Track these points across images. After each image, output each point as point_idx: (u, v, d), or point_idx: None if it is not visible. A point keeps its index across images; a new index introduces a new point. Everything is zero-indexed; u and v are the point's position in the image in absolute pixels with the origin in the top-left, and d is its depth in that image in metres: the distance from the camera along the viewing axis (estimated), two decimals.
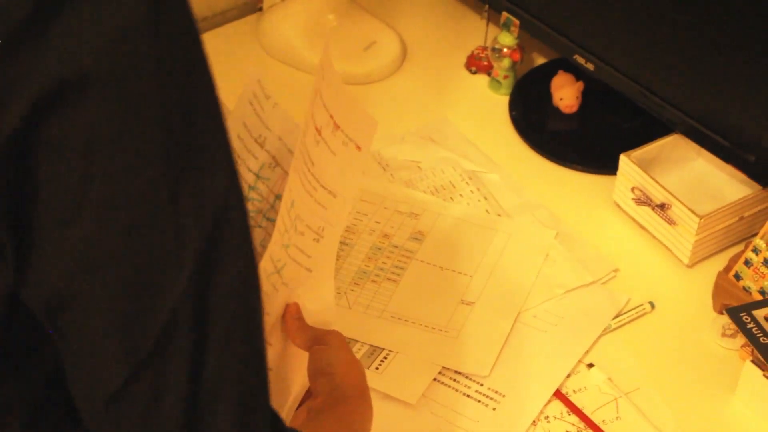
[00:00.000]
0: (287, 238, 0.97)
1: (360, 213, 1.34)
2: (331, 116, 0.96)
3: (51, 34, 0.57)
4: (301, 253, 0.99)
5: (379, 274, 1.27)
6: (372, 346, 1.19)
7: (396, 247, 1.30)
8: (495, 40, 1.52)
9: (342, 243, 1.30)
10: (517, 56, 1.51)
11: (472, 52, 1.58)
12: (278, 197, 0.98)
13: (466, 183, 1.38)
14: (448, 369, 1.17)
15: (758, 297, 1.20)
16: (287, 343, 0.99)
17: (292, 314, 0.99)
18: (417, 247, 1.30)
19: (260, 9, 1.67)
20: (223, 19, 1.68)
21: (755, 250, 1.21)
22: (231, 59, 1.60)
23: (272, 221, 0.97)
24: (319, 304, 1.00)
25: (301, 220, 0.97)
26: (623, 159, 1.32)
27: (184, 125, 0.63)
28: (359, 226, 1.33)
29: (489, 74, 1.55)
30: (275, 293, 0.98)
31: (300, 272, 0.99)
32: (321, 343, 0.95)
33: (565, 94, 1.47)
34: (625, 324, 1.23)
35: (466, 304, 1.23)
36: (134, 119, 0.60)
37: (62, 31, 0.57)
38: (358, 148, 0.96)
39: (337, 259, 1.28)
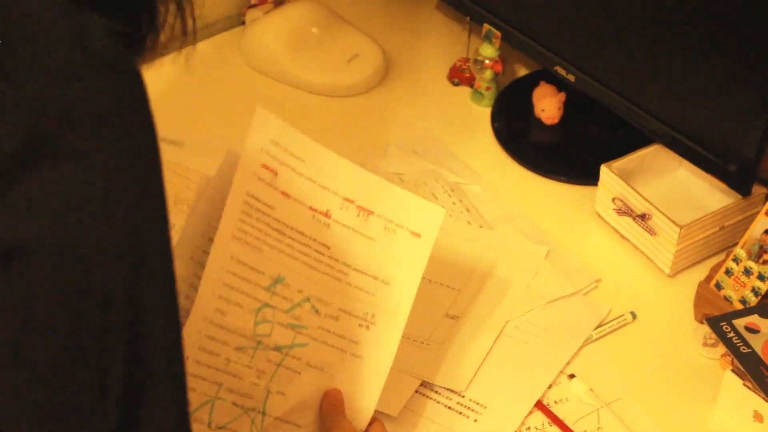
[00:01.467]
0: (289, 316, 0.98)
1: None
2: (347, 199, 0.98)
3: (8, 200, 0.59)
4: (337, 337, 0.99)
5: None
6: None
7: None
8: (477, 51, 1.52)
9: None
10: (499, 68, 1.52)
11: (455, 63, 1.59)
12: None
13: (449, 195, 1.39)
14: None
15: (739, 306, 1.21)
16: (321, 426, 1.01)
17: (330, 400, 1.00)
18: None
19: (243, 23, 1.67)
20: (206, 33, 1.68)
21: (736, 260, 1.21)
22: (215, 72, 1.60)
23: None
24: (365, 395, 1.01)
25: (324, 303, 0.98)
26: (604, 170, 1.33)
27: (126, 301, 0.64)
28: None
29: (471, 86, 1.55)
30: (295, 375, 1.00)
31: (336, 356, 0.99)
32: None
33: (547, 105, 1.48)
34: (606, 334, 1.23)
35: (451, 317, 1.23)
36: (74, 292, 0.62)
37: (16, 199, 0.59)
38: (415, 234, 0.98)
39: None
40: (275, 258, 0.98)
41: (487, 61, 1.51)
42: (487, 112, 1.53)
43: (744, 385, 1.11)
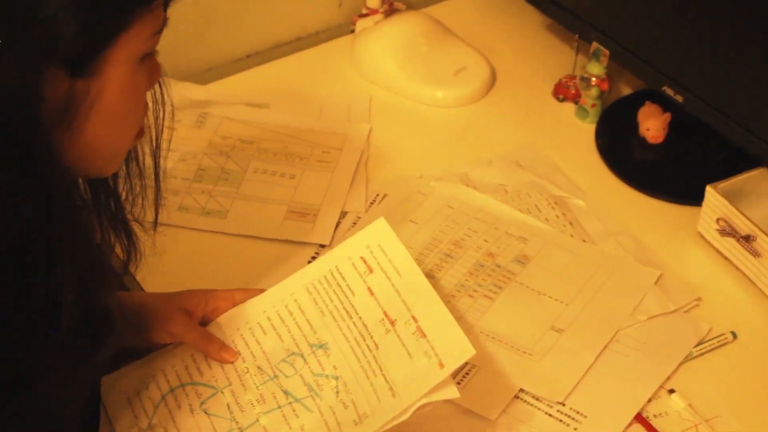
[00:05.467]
0: (313, 379, 1.08)
1: (471, 229, 1.37)
2: (415, 318, 1.06)
3: None
4: (336, 423, 1.06)
5: (477, 290, 1.29)
6: None
7: (499, 266, 1.33)
8: (584, 69, 1.54)
9: (447, 255, 1.33)
10: (606, 86, 1.54)
11: (560, 80, 1.61)
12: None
13: (552, 208, 1.41)
14: None
15: None
16: None
17: None
18: (519, 269, 1.32)
19: (352, 31, 1.71)
20: (316, 39, 1.72)
21: None
22: (322, 79, 1.64)
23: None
24: None
25: (345, 390, 1.07)
26: (709, 190, 1.34)
27: None
28: (467, 241, 1.36)
29: (576, 102, 1.58)
30: (284, 426, 1.06)
31: None
32: None
33: (652, 124, 1.49)
34: (706, 352, 1.24)
35: (556, 330, 1.25)
36: None
37: None
38: (441, 365, 1.03)
39: (439, 270, 1.32)
40: (332, 329, 1.09)
41: (593, 79, 1.53)
42: (591, 128, 1.55)
43: None
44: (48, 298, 0.83)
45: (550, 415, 1.17)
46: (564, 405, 1.17)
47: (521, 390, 1.19)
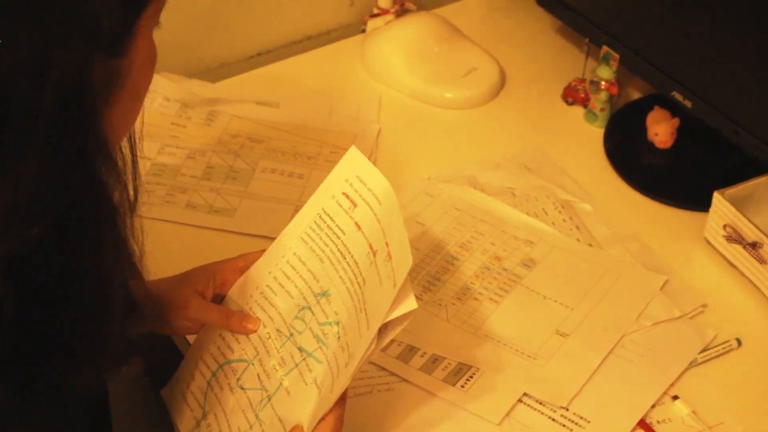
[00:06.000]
0: (320, 329, 1.06)
1: (477, 232, 1.38)
2: (387, 244, 1.02)
3: None
4: (337, 369, 1.04)
5: (483, 293, 1.30)
6: (459, 363, 1.21)
7: (505, 269, 1.33)
8: (593, 72, 1.54)
9: (453, 258, 1.34)
10: (615, 90, 1.54)
11: (570, 83, 1.61)
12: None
13: (559, 211, 1.41)
14: None
15: None
16: None
17: None
18: (525, 273, 1.32)
19: (363, 31, 1.71)
20: (327, 39, 1.73)
21: None
22: (332, 79, 1.64)
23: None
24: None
25: (345, 333, 1.04)
26: (716, 196, 1.34)
27: None
28: (474, 244, 1.36)
29: (585, 106, 1.58)
30: (302, 383, 1.05)
31: (329, 386, 1.04)
32: None
33: (661, 129, 1.49)
34: (711, 359, 1.24)
35: (561, 335, 1.25)
36: None
37: None
38: (395, 285, 0.99)
39: (445, 273, 1.32)
40: (331, 274, 1.06)
41: (603, 83, 1.53)
42: (599, 132, 1.55)
43: None
44: (99, 275, 0.86)
45: (553, 419, 1.17)
46: (567, 410, 1.18)
47: (525, 394, 1.19)
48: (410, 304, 1.00)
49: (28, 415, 0.88)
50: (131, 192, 0.88)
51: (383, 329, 1.00)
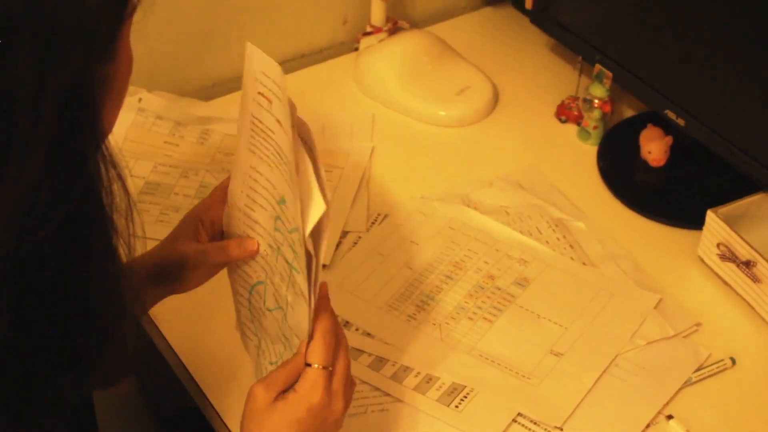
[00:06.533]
0: (290, 238, 1.02)
1: (471, 251, 1.38)
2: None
3: None
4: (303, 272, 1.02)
5: (477, 312, 1.29)
6: (453, 383, 1.21)
7: (499, 288, 1.33)
8: (587, 90, 1.54)
9: (447, 276, 1.34)
10: (608, 108, 1.54)
11: (563, 101, 1.61)
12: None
13: (553, 230, 1.41)
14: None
15: None
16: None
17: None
18: (519, 292, 1.32)
19: (356, 49, 1.71)
20: (320, 57, 1.73)
21: None
22: (326, 97, 1.64)
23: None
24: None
25: (300, 241, 1.00)
26: (710, 215, 1.34)
27: None
28: (467, 263, 1.36)
29: (578, 124, 1.58)
30: (294, 295, 1.03)
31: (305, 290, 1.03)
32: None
33: (654, 147, 1.50)
34: (705, 378, 1.24)
35: (555, 354, 1.25)
36: None
37: None
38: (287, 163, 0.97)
39: (439, 292, 1.32)
40: (280, 179, 1.02)
41: (596, 101, 1.53)
42: (592, 150, 1.55)
43: None
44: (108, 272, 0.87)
45: None
46: (562, 430, 1.17)
47: (519, 414, 1.19)
48: (318, 206, 0.96)
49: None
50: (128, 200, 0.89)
51: (314, 245, 0.98)
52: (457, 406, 1.19)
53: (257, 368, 1.15)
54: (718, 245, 1.34)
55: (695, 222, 1.38)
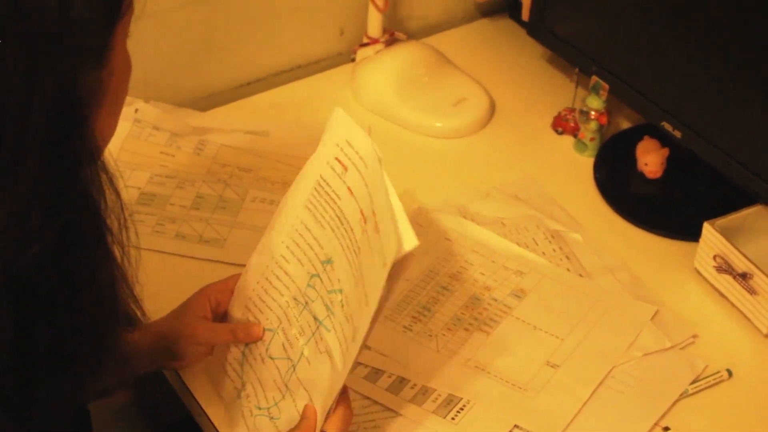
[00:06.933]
0: (328, 297, 1.05)
1: (467, 262, 1.37)
2: (374, 213, 0.98)
3: None
4: (344, 340, 1.04)
5: (473, 324, 1.29)
6: (450, 394, 1.21)
7: (495, 300, 1.33)
8: (583, 102, 1.54)
9: (443, 288, 1.33)
10: (604, 119, 1.54)
11: (559, 113, 1.61)
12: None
13: (549, 241, 1.41)
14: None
15: None
16: None
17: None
18: (516, 303, 1.32)
19: (353, 60, 1.71)
20: (317, 68, 1.73)
21: None
22: (323, 108, 1.64)
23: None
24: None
25: (347, 302, 1.03)
26: (707, 227, 1.34)
27: None
28: (464, 274, 1.36)
29: (575, 136, 1.58)
30: (318, 352, 1.06)
31: (339, 357, 1.04)
32: None
33: (651, 159, 1.50)
34: (702, 390, 1.24)
35: (551, 366, 1.25)
36: None
37: None
38: (384, 265, 0.94)
39: (436, 303, 1.32)
40: (332, 241, 1.05)
41: (593, 113, 1.53)
42: (589, 162, 1.55)
43: None
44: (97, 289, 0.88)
45: None
46: None
47: (516, 426, 1.18)
48: (410, 241, 0.93)
49: None
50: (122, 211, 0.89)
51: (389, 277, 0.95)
52: (453, 418, 1.18)
53: (229, 408, 1.15)
54: (714, 257, 1.34)
55: (692, 234, 1.39)
